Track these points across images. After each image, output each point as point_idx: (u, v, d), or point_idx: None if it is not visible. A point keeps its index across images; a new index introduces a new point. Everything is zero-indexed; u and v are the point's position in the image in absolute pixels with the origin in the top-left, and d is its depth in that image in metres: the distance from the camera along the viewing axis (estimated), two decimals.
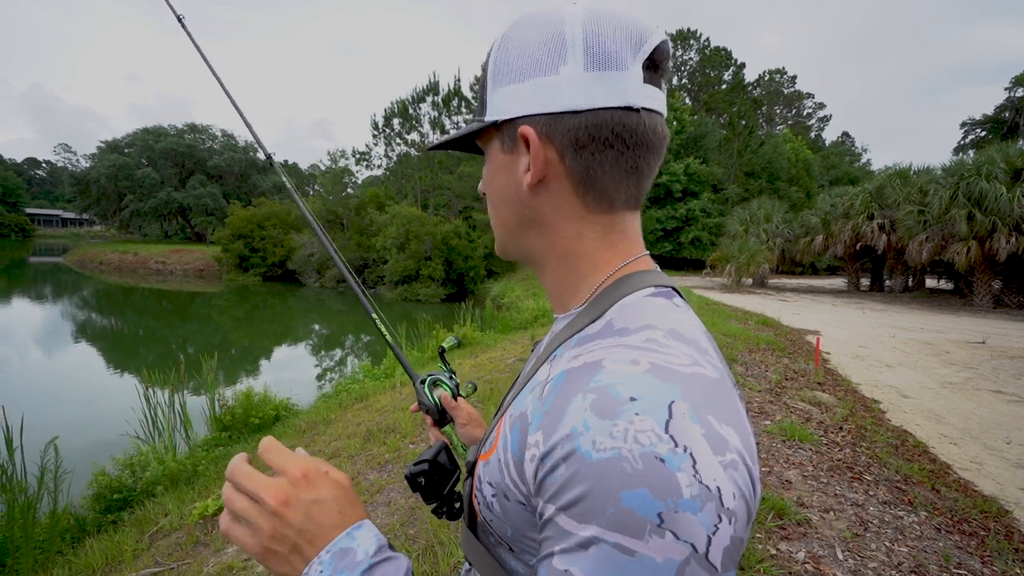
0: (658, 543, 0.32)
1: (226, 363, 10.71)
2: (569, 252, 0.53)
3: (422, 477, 0.65)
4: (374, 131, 36.52)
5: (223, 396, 5.85)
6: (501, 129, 0.52)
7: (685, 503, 0.32)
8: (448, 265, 23.72)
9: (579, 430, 0.36)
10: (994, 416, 5.03)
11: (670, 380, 0.37)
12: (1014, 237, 12.68)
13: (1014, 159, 13.46)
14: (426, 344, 9.73)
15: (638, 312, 0.46)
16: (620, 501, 0.33)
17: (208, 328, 17.18)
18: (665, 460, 0.33)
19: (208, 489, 3.77)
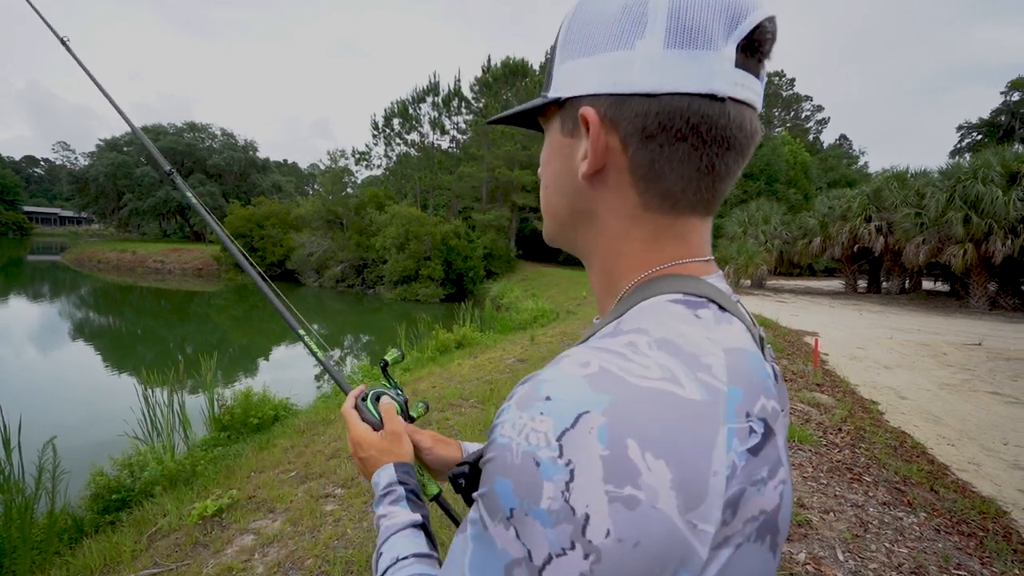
0: (502, 532, 0.33)
1: (225, 363, 10.69)
2: (611, 251, 0.48)
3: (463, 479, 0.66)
4: (374, 131, 36.57)
5: (222, 396, 5.84)
6: (564, 108, 0.46)
7: (538, 512, 0.31)
8: (447, 265, 23.71)
9: (503, 415, 0.37)
10: (991, 417, 5.05)
11: (603, 390, 0.33)
12: (1009, 240, 12.74)
13: (1010, 163, 13.51)
14: (426, 344, 9.73)
15: (641, 316, 0.41)
16: (493, 484, 0.34)
17: (207, 327, 17.15)
18: (540, 464, 0.32)
19: (207, 490, 3.76)
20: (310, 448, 4.28)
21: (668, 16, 0.39)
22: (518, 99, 32.15)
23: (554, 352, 7.11)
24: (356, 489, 3.26)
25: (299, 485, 3.51)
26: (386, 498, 0.68)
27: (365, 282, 26.92)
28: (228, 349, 12.84)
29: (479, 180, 30.45)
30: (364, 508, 2.98)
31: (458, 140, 37.24)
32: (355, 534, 2.69)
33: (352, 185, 36.99)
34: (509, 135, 28.82)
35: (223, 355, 11.06)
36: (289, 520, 2.99)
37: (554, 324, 12.35)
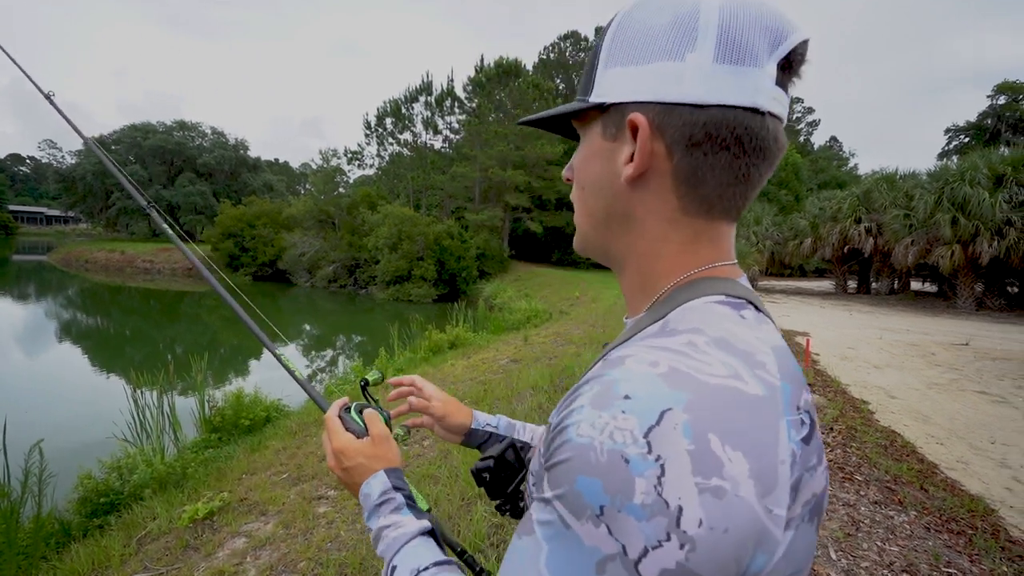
0: (590, 530, 0.34)
1: (215, 363, 10.59)
2: (649, 253, 0.49)
3: (487, 473, 0.66)
4: (366, 130, 36.37)
5: (213, 397, 5.78)
6: (606, 113, 0.47)
7: (632, 507, 0.32)
8: (440, 265, 23.65)
9: (576, 415, 0.37)
10: (979, 416, 5.11)
11: (680, 388, 0.35)
12: (996, 241, 12.92)
13: (996, 165, 13.71)
14: (419, 344, 9.69)
15: (693, 316, 0.43)
16: (575, 483, 0.35)
17: (197, 328, 17.00)
18: (630, 462, 0.33)
19: (198, 492, 3.72)
20: (302, 450, 4.25)
21: (718, 32, 0.42)
22: (511, 99, 32.13)
23: (548, 352, 7.11)
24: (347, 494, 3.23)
25: (291, 487, 3.48)
26: (384, 507, 0.64)
27: (357, 282, 26.80)
28: (219, 350, 12.72)
29: (472, 180, 30.40)
30: (358, 510, 2.96)
31: (451, 140, 37.17)
32: (348, 536, 2.67)
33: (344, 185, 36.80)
34: (502, 135, 28.80)
35: (214, 356, 10.96)
36: (281, 522, 2.96)
37: (547, 324, 12.36)
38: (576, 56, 44.79)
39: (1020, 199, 12.87)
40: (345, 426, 0.73)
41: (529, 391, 4.83)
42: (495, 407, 4.48)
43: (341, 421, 0.73)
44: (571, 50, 44.79)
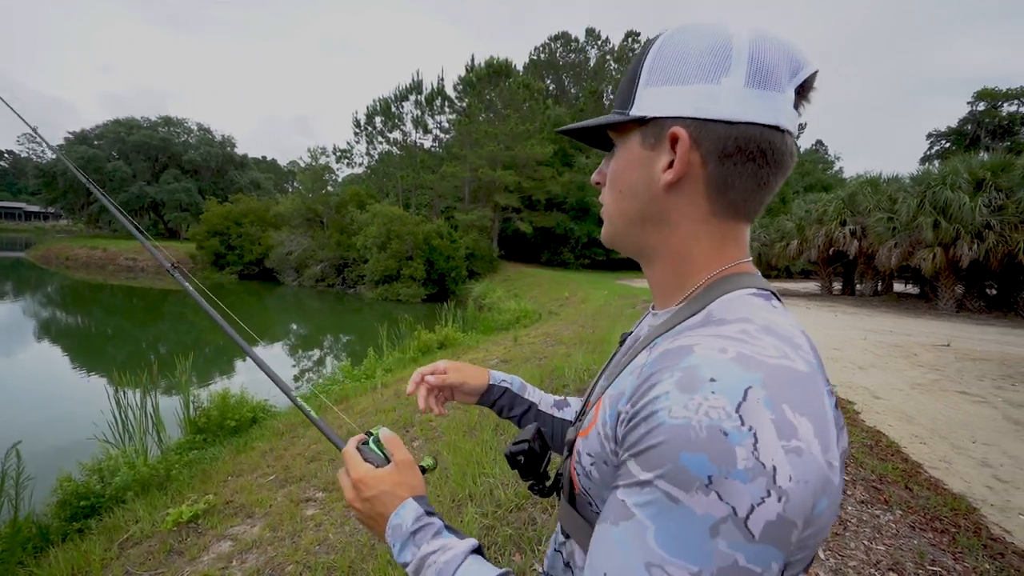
0: (701, 499, 0.38)
1: (200, 363, 10.43)
2: (682, 251, 0.56)
3: (522, 456, 0.68)
4: (356, 129, 36.13)
5: (197, 397, 5.69)
6: (646, 125, 0.54)
7: (737, 473, 0.37)
8: (429, 265, 23.56)
9: (662, 399, 0.42)
10: (960, 416, 5.20)
11: (753, 369, 0.41)
12: (975, 244, 13.16)
13: (976, 170, 13.97)
14: (408, 345, 9.64)
15: (737, 307, 0.50)
16: (678, 460, 0.39)
17: (181, 327, 16.73)
18: (728, 434, 0.38)
19: (182, 495, 3.66)
20: (289, 451, 4.20)
21: (749, 61, 0.49)
22: (501, 99, 32.11)
23: (538, 353, 7.11)
24: (338, 492, 3.19)
25: (278, 489, 3.43)
26: (421, 534, 0.61)
27: (346, 281, 26.60)
28: (204, 349, 12.52)
29: (462, 180, 30.32)
30: (346, 512, 2.92)
31: (441, 139, 37.05)
32: (337, 539, 2.63)
33: (333, 183, 36.56)
34: (492, 135, 28.77)
35: (199, 355, 10.79)
36: (268, 525, 2.92)
37: (537, 325, 12.36)
38: (567, 57, 44.90)
39: (999, 203, 13.14)
40: (364, 457, 0.70)
41: None
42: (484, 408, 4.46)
43: (360, 453, 0.70)
44: (561, 51, 44.89)
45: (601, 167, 0.63)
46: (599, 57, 43.76)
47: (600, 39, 44.43)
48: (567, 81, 45.19)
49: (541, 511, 2.49)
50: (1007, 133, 39.33)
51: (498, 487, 2.77)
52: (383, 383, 6.76)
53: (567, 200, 32.70)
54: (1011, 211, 12.80)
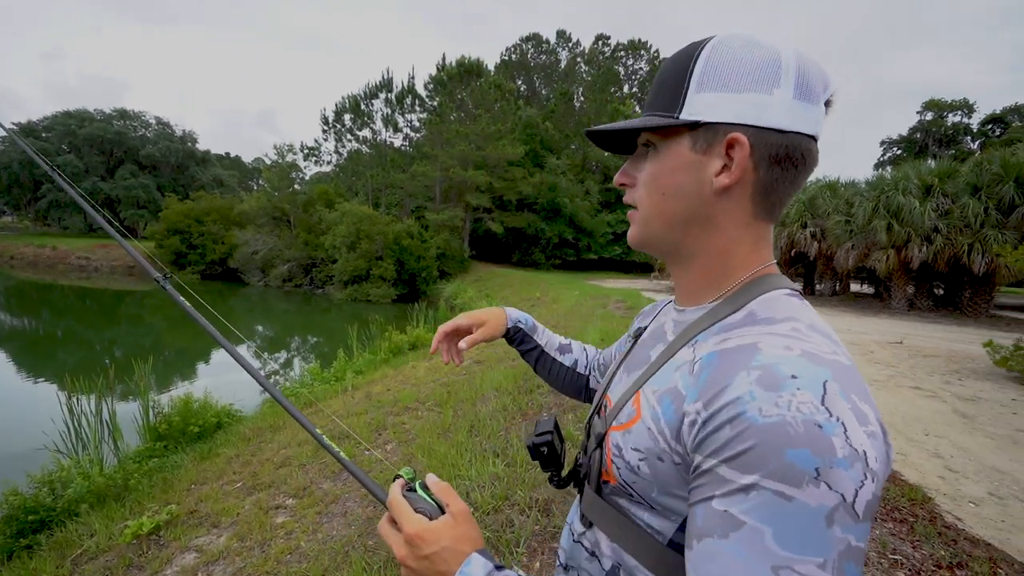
0: (813, 491, 0.39)
1: (160, 367, 10.02)
2: (724, 252, 0.58)
3: (545, 447, 0.68)
4: (324, 126, 35.42)
5: (158, 403, 5.46)
6: (697, 130, 0.55)
7: (839, 461, 0.39)
8: (400, 265, 23.28)
9: (746, 399, 0.43)
10: (914, 411, 5.46)
11: (821, 364, 0.44)
12: (925, 246, 13.85)
13: (925, 176, 14.71)
14: (378, 346, 9.49)
15: (779, 306, 0.53)
16: (784, 457, 0.40)
17: (139, 330, 16.03)
18: (822, 426, 0.40)
19: (142, 505, 3.50)
20: (257, 457, 4.07)
21: (797, 75, 0.53)
22: (472, 99, 32.00)
23: (511, 353, 7.10)
24: (309, 499, 3.11)
25: (246, 497, 3.32)
26: None
27: (314, 282, 26.03)
28: (164, 352, 12.03)
29: (432, 179, 30.07)
30: (318, 519, 2.85)
31: (411, 138, 36.67)
32: (309, 547, 2.56)
33: (300, 181, 35.68)
34: (464, 135, 28.65)
35: (158, 359, 10.36)
36: (236, 535, 2.81)
37: None
38: (538, 58, 45.10)
39: (945, 208, 13.87)
40: (413, 507, 0.62)
41: (493, 393, 4.81)
42: (459, 409, 4.44)
43: (409, 501, 0.63)
44: (533, 52, 45.06)
45: (625, 169, 0.64)
46: (570, 59, 44.12)
47: (571, 41, 44.81)
48: (538, 82, 45.40)
49: (518, 513, 2.48)
50: (952, 142, 41.62)
51: (475, 489, 2.75)
52: (354, 385, 6.63)
53: (538, 201, 32.84)
54: (956, 216, 13.52)
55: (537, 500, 2.57)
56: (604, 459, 0.61)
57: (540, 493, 2.64)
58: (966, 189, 13.74)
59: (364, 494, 3.02)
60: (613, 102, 37.82)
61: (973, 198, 13.41)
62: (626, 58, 43.98)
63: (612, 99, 38.43)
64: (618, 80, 41.91)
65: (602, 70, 41.00)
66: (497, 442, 3.43)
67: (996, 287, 14.25)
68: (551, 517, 2.43)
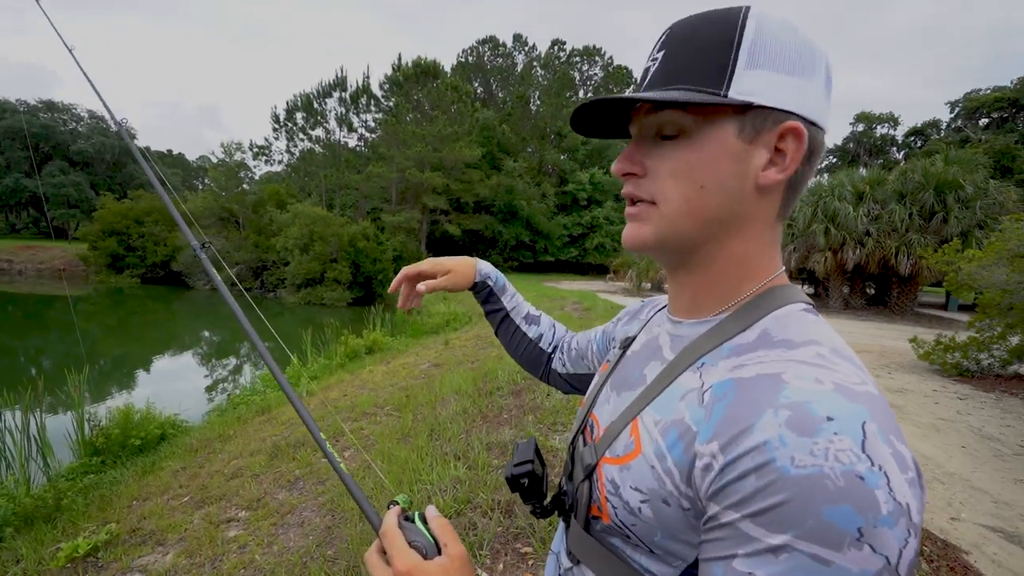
0: (856, 555, 0.33)
1: (96, 377, 9.39)
2: (744, 257, 0.51)
3: (526, 478, 0.61)
4: (275, 124, 34.29)
5: (94, 415, 5.12)
6: (746, 114, 0.46)
7: (883, 519, 0.34)
8: (355, 268, 22.77)
9: (775, 444, 0.36)
10: None
11: (856, 401, 0.38)
12: (858, 249, 14.83)
13: (857, 183, 15.77)
14: (334, 350, 9.26)
15: (797, 327, 0.46)
16: (822, 515, 0.34)
17: (72, 337, 14.93)
18: (864, 478, 0.34)
19: (76, 526, 3.28)
20: (206, 469, 3.90)
21: (825, 67, 0.47)
22: (429, 100, 31.76)
23: (470, 356, 7.10)
24: (264, 510, 3.01)
25: (195, 511, 3.18)
26: None
27: (264, 285, 25.09)
28: (100, 361, 11.29)
29: (388, 181, 29.62)
30: (274, 531, 2.76)
31: (366, 139, 36.01)
32: (264, 560, 2.48)
33: (249, 181, 34.33)
34: (420, 136, 28.39)
35: (94, 368, 9.72)
36: (184, 552, 2.69)
37: (468, 328, 12.34)
38: (494, 61, 45.27)
39: (875, 213, 14.90)
40: (408, 539, 0.56)
41: (453, 396, 4.79)
42: (418, 413, 4.40)
43: (403, 532, 0.57)
44: (489, 55, 45.21)
45: (631, 154, 0.52)
46: (526, 63, 44.53)
47: (527, 45, 45.25)
48: (494, 85, 45.57)
49: (481, 515, 2.49)
50: (880, 152, 44.76)
51: (436, 494, 2.74)
52: (309, 391, 6.45)
53: (495, 203, 32.95)
54: (884, 220, 14.55)
55: (499, 502, 2.59)
56: (595, 494, 0.53)
57: (502, 495, 2.66)
58: (893, 196, 14.81)
59: (323, 503, 2.95)
60: (568, 106, 38.44)
61: (899, 204, 14.47)
62: (581, 63, 44.82)
63: (568, 103, 39.07)
64: (573, 85, 42.64)
65: (558, 74, 41.61)
66: (458, 445, 3.42)
67: (919, 287, 15.41)
68: (513, 518, 2.46)
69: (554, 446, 3.26)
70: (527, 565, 2.12)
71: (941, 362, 6.90)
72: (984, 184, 13.94)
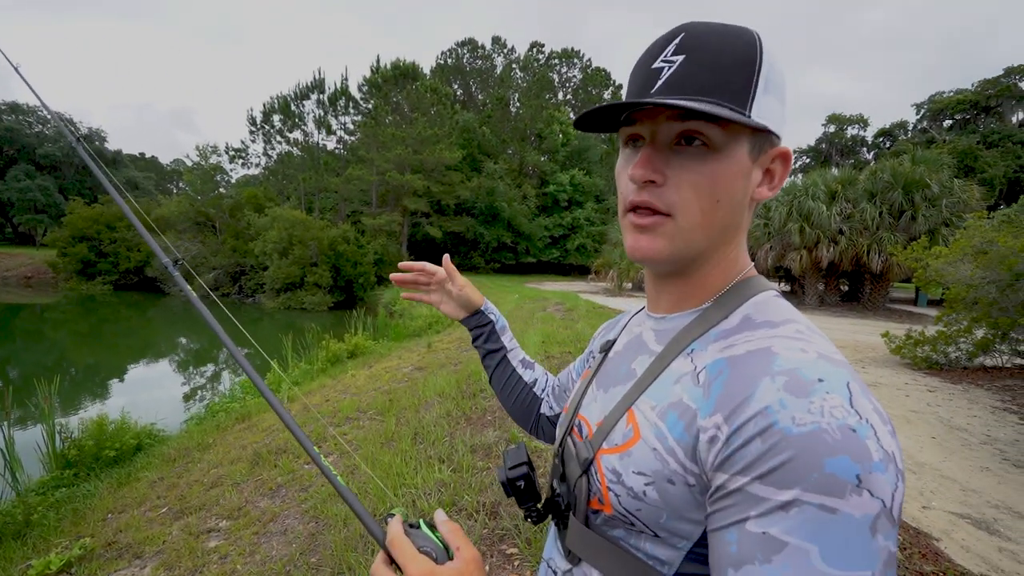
0: (857, 500, 0.36)
1: (67, 387, 9.11)
2: (732, 259, 0.56)
3: (522, 480, 0.61)
4: (251, 127, 33.68)
5: (66, 427, 4.97)
6: (755, 135, 0.50)
7: (876, 465, 0.37)
8: (336, 272, 22.53)
9: (775, 408, 0.40)
10: None
11: (838, 366, 0.42)
12: (832, 247, 15.21)
13: (830, 183, 16.18)
14: (315, 355, 9.14)
15: (774, 309, 0.51)
16: (824, 467, 0.37)
17: (40, 347, 14.48)
18: (856, 430, 0.38)
19: (48, 541, 3.18)
20: (184, 479, 3.82)
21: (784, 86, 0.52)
22: (408, 102, 31.60)
23: (452, 358, 7.07)
24: (245, 519, 2.96)
25: (173, 522, 3.11)
26: None
27: (243, 290, 24.66)
28: (70, 371, 10.95)
29: (368, 183, 29.37)
30: (256, 539, 2.72)
31: (345, 141, 35.65)
32: (246, 570, 2.44)
33: (226, 184, 33.73)
34: (400, 138, 28.22)
35: (65, 378, 9.43)
36: (163, 564, 2.63)
37: (450, 330, 12.29)
38: (473, 63, 45.25)
39: (848, 212, 15.31)
40: (418, 546, 0.55)
41: (436, 399, 4.78)
42: (401, 417, 4.38)
43: (412, 540, 0.55)
44: (468, 57, 45.16)
45: (652, 160, 0.50)
46: (505, 65, 44.62)
47: (506, 48, 45.33)
48: (474, 87, 45.54)
49: (466, 517, 2.50)
50: (851, 152, 46.03)
51: (420, 497, 2.73)
52: (290, 397, 6.36)
53: (476, 205, 32.93)
54: (856, 219, 14.95)
55: (484, 504, 2.59)
56: (595, 487, 0.54)
57: (487, 496, 2.66)
58: (864, 195, 15.22)
59: (306, 509, 2.92)
60: (548, 108, 38.66)
61: (870, 203, 14.88)
62: (560, 65, 45.05)
63: (547, 105, 39.28)
64: (552, 87, 42.86)
65: (537, 77, 41.77)
66: (442, 448, 3.42)
67: (890, 283, 15.87)
68: (499, 520, 2.46)
69: (538, 447, 3.28)
70: (513, 566, 2.13)
71: (912, 356, 7.11)
72: (949, 183, 14.43)
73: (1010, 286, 5.91)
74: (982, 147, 31.31)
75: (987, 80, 35.95)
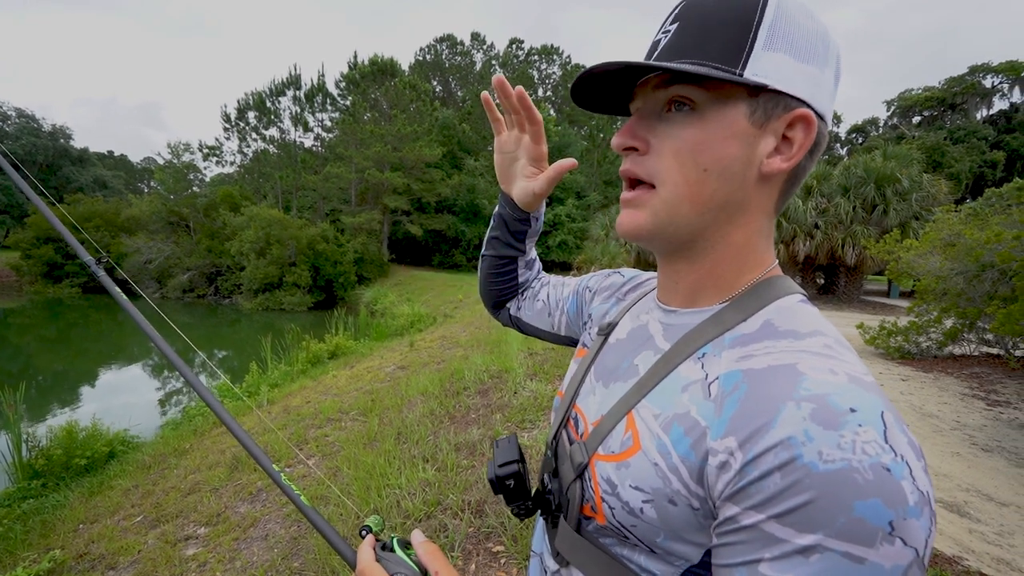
0: (888, 550, 0.32)
1: (34, 394, 8.80)
2: (744, 247, 0.49)
3: (512, 479, 0.57)
4: (225, 124, 32.92)
5: (33, 436, 4.79)
6: (758, 96, 0.44)
7: (911, 510, 0.33)
8: (315, 271, 22.23)
9: (800, 439, 0.35)
10: None
11: (871, 391, 0.37)
12: (808, 241, 15.55)
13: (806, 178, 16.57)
14: (295, 356, 8.99)
15: (800, 318, 0.45)
16: (853, 511, 0.32)
17: (3, 353, 13.96)
18: (891, 470, 0.33)
19: (15, 555, 3.06)
20: (160, 486, 3.72)
21: (837, 59, 0.46)
22: (387, 99, 31.25)
23: (435, 357, 7.03)
24: (224, 525, 2.89)
25: (149, 531, 3.02)
26: None
27: (219, 291, 24.15)
28: (37, 377, 10.59)
29: (347, 181, 28.99)
30: (236, 545, 2.66)
31: (323, 138, 35.13)
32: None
33: (199, 183, 32.96)
34: (379, 136, 27.90)
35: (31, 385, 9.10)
36: (138, 574, 2.55)
37: (432, 328, 12.23)
38: (452, 59, 44.99)
39: (823, 207, 15.66)
40: (390, 573, 0.52)
41: (420, 398, 4.74)
42: (384, 417, 4.33)
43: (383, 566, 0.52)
44: (447, 53, 44.88)
45: (633, 127, 0.49)
46: (484, 62, 44.46)
47: (485, 44, 45.17)
48: (453, 83, 45.29)
49: (451, 516, 2.47)
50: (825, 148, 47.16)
51: (405, 497, 2.70)
52: (269, 399, 6.25)
53: (457, 202, 32.77)
54: (831, 213, 15.30)
55: (469, 502, 2.58)
56: (588, 494, 0.50)
57: (472, 495, 2.65)
58: (838, 190, 15.59)
59: (287, 513, 2.86)
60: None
61: (844, 198, 15.24)
62: (540, 62, 45.07)
63: None
64: (532, 84, 42.87)
65: (516, 73, 41.74)
66: (426, 447, 3.39)
67: (864, 276, 16.29)
68: (484, 518, 2.45)
69: (524, 443, 3.27)
70: (499, 564, 2.12)
71: (885, 346, 7.30)
72: (918, 178, 14.87)
73: (976, 277, 6.10)
74: (949, 143, 32.32)
75: (953, 78, 37.06)
